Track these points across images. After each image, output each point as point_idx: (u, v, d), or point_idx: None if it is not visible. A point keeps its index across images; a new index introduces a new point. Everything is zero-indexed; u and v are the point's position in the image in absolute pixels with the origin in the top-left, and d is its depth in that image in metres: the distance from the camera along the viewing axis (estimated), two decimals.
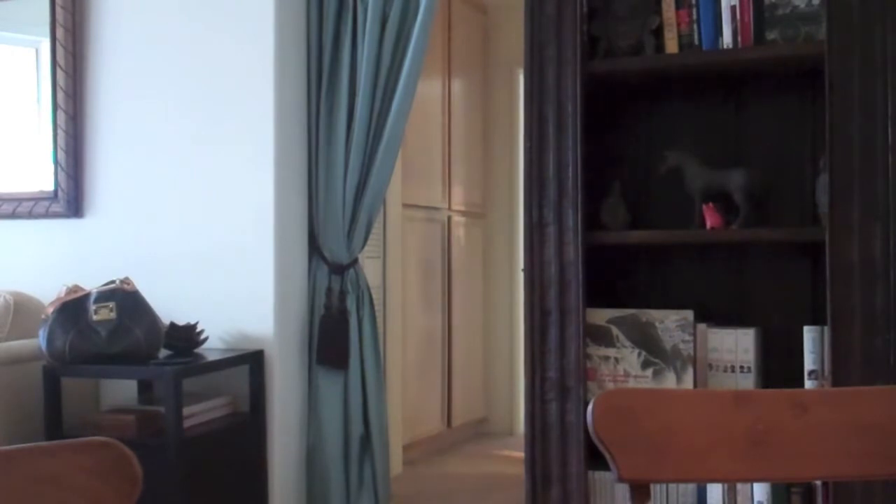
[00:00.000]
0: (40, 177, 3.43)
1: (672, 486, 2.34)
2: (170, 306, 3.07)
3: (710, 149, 2.52)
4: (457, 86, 4.88)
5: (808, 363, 2.29)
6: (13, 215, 3.44)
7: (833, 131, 2.20)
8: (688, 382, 2.37)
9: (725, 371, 2.38)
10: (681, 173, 2.46)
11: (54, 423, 2.83)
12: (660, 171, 2.50)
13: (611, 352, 2.44)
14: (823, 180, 2.26)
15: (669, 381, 2.38)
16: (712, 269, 2.57)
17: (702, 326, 2.40)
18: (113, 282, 2.91)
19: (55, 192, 3.38)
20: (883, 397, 1.26)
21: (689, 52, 2.39)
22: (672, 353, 2.39)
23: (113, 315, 2.83)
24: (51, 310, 2.84)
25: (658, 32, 2.43)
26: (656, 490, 2.35)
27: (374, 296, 3.38)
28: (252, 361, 3.07)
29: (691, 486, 2.33)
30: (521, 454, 2.62)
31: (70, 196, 3.35)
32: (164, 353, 2.92)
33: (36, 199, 3.42)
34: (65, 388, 2.88)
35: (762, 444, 1.17)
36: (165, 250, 3.24)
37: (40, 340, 2.84)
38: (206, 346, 3.03)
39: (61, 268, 3.26)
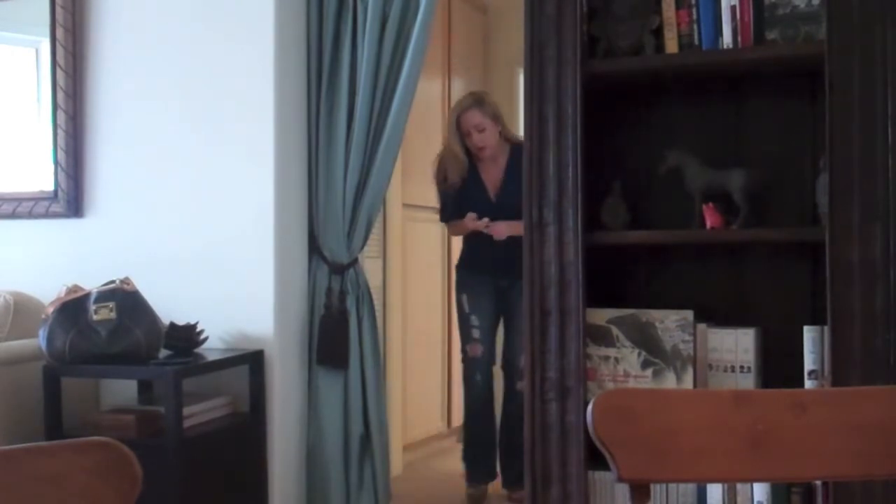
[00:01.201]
0: (40, 177, 3.43)
1: (672, 486, 2.34)
2: (170, 306, 3.07)
3: (710, 149, 2.51)
4: (457, 86, 4.88)
5: (808, 363, 2.29)
6: (13, 215, 3.44)
7: (833, 131, 2.20)
8: (688, 382, 2.37)
9: (725, 371, 2.37)
10: (681, 173, 2.46)
11: (54, 423, 2.83)
12: (660, 171, 2.50)
13: (611, 352, 2.44)
14: (823, 180, 2.26)
15: (669, 381, 2.38)
16: (712, 269, 2.57)
17: (702, 326, 2.39)
18: (113, 282, 2.92)
19: (55, 192, 3.38)
20: (883, 397, 1.26)
21: (689, 52, 2.39)
22: (672, 353, 2.39)
23: (113, 315, 2.83)
24: (51, 310, 2.84)
25: (658, 32, 2.42)
26: (656, 490, 2.35)
27: (374, 296, 3.38)
28: (252, 361, 3.07)
29: (691, 486, 2.33)
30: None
31: (70, 196, 3.35)
32: (164, 353, 2.92)
33: (36, 199, 3.42)
34: (65, 388, 2.88)
35: (762, 444, 1.17)
36: (165, 250, 3.24)
37: (40, 340, 2.84)
38: (206, 346, 3.03)
39: (61, 268, 3.26)
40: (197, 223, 3.21)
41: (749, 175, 2.39)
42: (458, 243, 4.92)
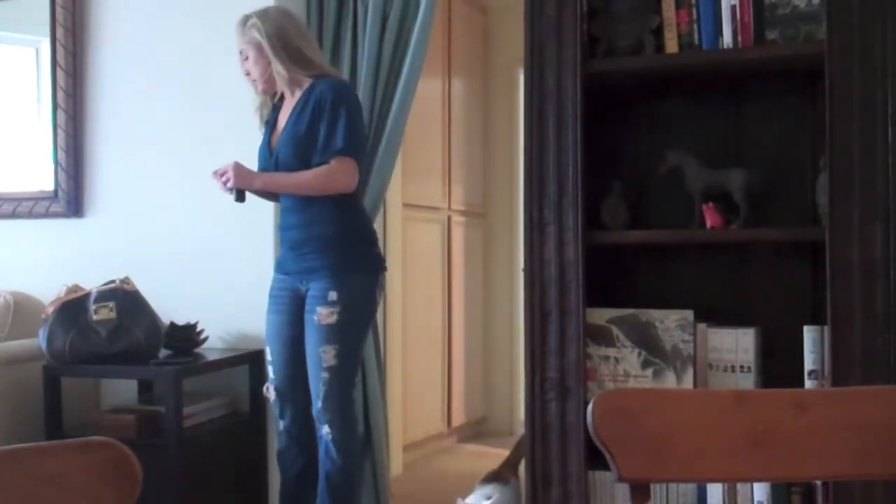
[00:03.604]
0: (40, 177, 3.43)
1: (672, 486, 2.34)
2: (170, 306, 3.07)
3: (710, 149, 2.52)
4: (457, 86, 4.88)
5: (808, 363, 2.29)
6: (13, 215, 3.44)
7: (833, 131, 2.20)
8: (688, 382, 2.37)
9: (725, 371, 2.37)
10: (681, 173, 2.46)
11: (54, 423, 2.83)
12: (660, 171, 2.50)
13: (611, 352, 2.44)
14: (823, 180, 2.26)
15: (669, 381, 2.38)
16: (712, 269, 2.57)
17: (702, 326, 2.39)
18: (113, 282, 2.92)
19: (55, 191, 3.38)
20: (883, 397, 1.26)
21: (689, 52, 2.39)
22: (672, 353, 2.39)
23: (113, 315, 2.84)
24: (51, 310, 2.85)
25: (658, 32, 2.42)
26: (656, 490, 2.35)
27: None
28: (252, 361, 3.07)
29: (691, 486, 2.33)
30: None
31: (70, 196, 3.35)
32: (164, 352, 2.93)
33: (36, 198, 3.42)
34: (65, 388, 2.88)
35: (762, 444, 1.17)
36: (165, 250, 3.24)
37: (40, 340, 2.84)
38: (205, 345, 3.03)
39: (61, 268, 3.26)
40: (197, 223, 3.21)
41: (749, 175, 2.39)
42: (459, 242, 4.93)
